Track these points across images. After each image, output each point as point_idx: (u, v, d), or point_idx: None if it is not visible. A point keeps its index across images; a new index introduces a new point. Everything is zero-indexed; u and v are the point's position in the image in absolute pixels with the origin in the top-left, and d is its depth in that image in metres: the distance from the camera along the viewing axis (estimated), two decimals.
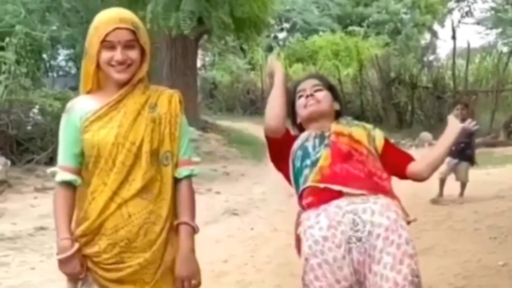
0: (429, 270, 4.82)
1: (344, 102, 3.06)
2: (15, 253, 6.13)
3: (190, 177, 2.49)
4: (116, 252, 2.34)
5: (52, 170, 2.42)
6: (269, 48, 27.49)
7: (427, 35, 35.09)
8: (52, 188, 2.57)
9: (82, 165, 2.41)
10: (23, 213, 7.88)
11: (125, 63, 2.36)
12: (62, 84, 19.80)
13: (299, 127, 2.91)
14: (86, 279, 2.38)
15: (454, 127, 2.75)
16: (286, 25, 32.55)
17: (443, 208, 8.10)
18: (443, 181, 8.62)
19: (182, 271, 2.42)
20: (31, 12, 17.15)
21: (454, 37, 19.91)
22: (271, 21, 23.26)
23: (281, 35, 32.40)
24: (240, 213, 8.41)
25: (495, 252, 5.77)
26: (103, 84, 2.45)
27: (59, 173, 2.38)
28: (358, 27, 30.24)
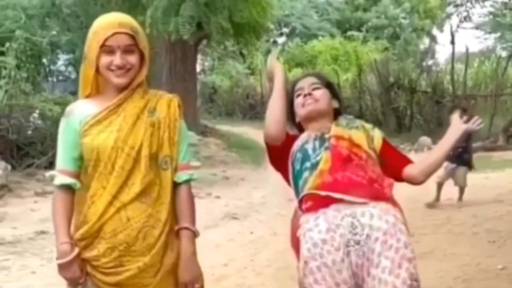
0: (428, 274, 4.83)
1: (343, 105, 3.00)
2: (16, 257, 6.14)
3: (190, 181, 2.50)
4: (115, 256, 2.34)
5: (51, 173, 2.43)
6: (268, 53, 27.47)
7: (426, 39, 35.09)
8: (52, 192, 2.57)
9: (81, 169, 2.41)
10: (24, 217, 7.89)
11: (124, 68, 2.36)
12: (62, 88, 19.79)
13: (298, 126, 2.89)
14: (86, 283, 2.38)
15: (457, 127, 2.73)
16: (286, 30, 32.58)
17: (442, 212, 8.10)
18: (440, 185, 8.59)
19: (185, 276, 2.43)
20: (31, 18, 17.20)
21: (453, 42, 19.94)
22: (271, 26, 23.27)
23: (281, 40, 32.40)
24: (240, 217, 8.40)
25: (494, 256, 5.78)
26: (102, 88, 2.46)
27: (58, 176, 2.38)
28: (357, 32, 30.21)
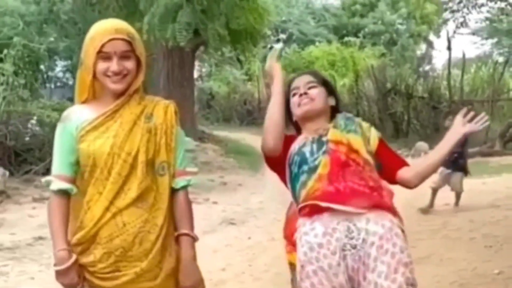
0: (425, 279, 4.85)
1: (340, 102, 2.96)
2: (14, 263, 6.13)
3: (187, 187, 2.51)
4: (111, 261, 2.34)
5: (47, 179, 2.42)
6: (265, 59, 27.48)
7: (423, 45, 35.15)
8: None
9: (77, 174, 2.41)
10: (22, 223, 7.86)
11: (121, 74, 2.37)
12: (60, 95, 19.73)
13: (295, 125, 2.87)
14: None
15: (456, 131, 2.67)
16: (283, 36, 32.63)
17: (439, 217, 8.12)
18: (435, 191, 8.59)
19: (186, 281, 2.44)
20: (29, 24, 17.24)
21: (449, 48, 20.07)
22: (268, 32, 23.30)
23: (278, 46, 32.43)
24: (238, 222, 8.41)
25: (491, 261, 5.80)
26: (98, 94, 2.47)
27: (55, 182, 2.37)
28: (354, 38, 30.27)
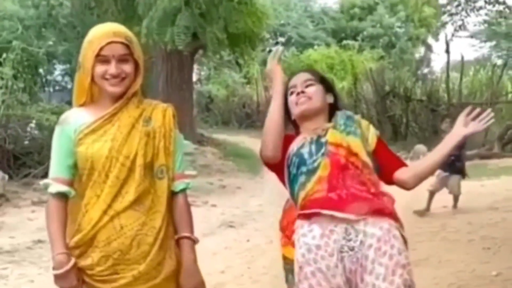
0: (424, 281, 4.87)
1: (339, 99, 2.92)
2: (14, 266, 6.14)
3: (186, 190, 2.52)
4: (109, 264, 2.34)
5: (45, 182, 2.41)
6: (264, 62, 27.54)
7: (421, 48, 35.20)
8: None
9: (75, 177, 2.41)
10: (21, 226, 7.88)
11: (119, 77, 2.37)
12: (59, 98, 19.75)
13: (293, 123, 2.84)
14: None
15: (457, 133, 2.64)
16: (281, 39, 32.62)
17: (437, 220, 8.15)
18: (432, 194, 8.60)
19: (187, 284, 2.45)
20: (28, 28, 17.28)
21: (447, 51, 20.09)
22: (266, 36, 23.30)
23: (280, 48, 32.37)
24: (237, 225, 8.42)
25: (489, 262, 5.83)
26: (96, 97, 2.47)
27: (53, 184, 2.37)
28: (352, 41, 30.32)
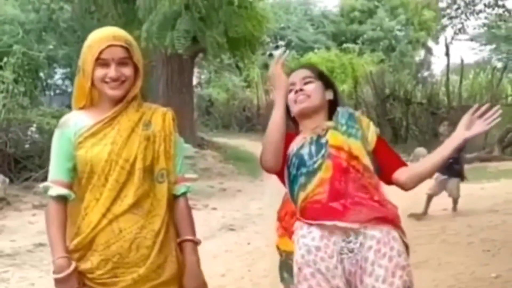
0: (424, 283, 4.90)
1: (339, 95, 2.88)
2: (15, 269, 6.16)
3: (186, 193, 2.53)
4: (109, 268, 2.34)
5: (45, 184, 2.41)
6: (264, 66, 27.60)
7: (422, 51, 35.23)
8: None
9: (74, 180, 2.41)
10: (22, 230, 7.90)
11: (119, 80, 2.38)
12: (59, 102, 19.71)
13: (293, 120, 2.80)
14: None
15: (458, 136, 2.60)
16: (282, 43, 32.65)
17: (437, 222, 8.15)
18: (430, 197, 8.58)
19: (190, 286, 2.46)
20: (28, 32, 17.30)
21: (447, 54, 20.12)
22: (266, 39, 23.30)
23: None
24: (237, 228, 8.45)
25: (488, 264, 5.85)
26: (96, 100, 2.47)
27: (53, 187, 2.37)
28: (352, 44, 30.35)
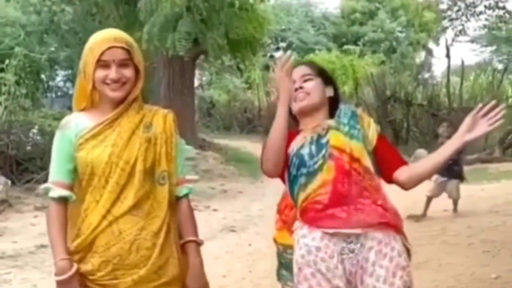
0: (424, 283, 4.93)
1: (340, 91, 2.86)
2: (17, 271, 6.18)
3: (188, 195, 2.55)
4: (109, 270, 2.34)
5: (45, 186, 2.41)
6: (265, 67, 27.63)
7: (422, 53, 35.21)
8: None
9: (74, 182, 2.42)
10: (24, 231, 7.92)
11: (120, 81, 2.39)
12: (61, 104, 19.75)
13: (293, 117, 2.78)
14: None
15: (458, 138, 2.55)
16: (283, 45, 32.68)
17: (438, 223, 8.16)
18: (430, 199, 8.59)
19: (193, 286, 2.48)
20: (30, 34, 17.35)
21: (448, 55, 20.13)
22: (268, 41, 23.30)
23: (278, 54, 32.51)
24: (238, 229, 8.47)
25: (488, 265, 5.87)
26: (97, 102, 2.48)
27: (55, 189, 2.37)
28: (353, 46, 30.34)
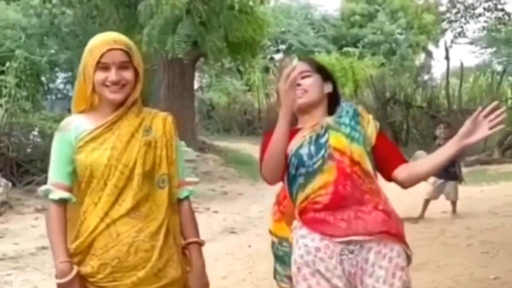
0: (423, 284, 4.96)
1: (339, 87, 2.84)
2: (18, 272, 6.20)
3: (189, 197, 2.56)
4: (108, 272, 2.34)
5: (45, 188, 2.41)
6: (265, 70, 27.67)
7: (422, 55, 35.25)
8: None
9: (74, 183, 2.42)
10: (25, 233, 7.93)
11: (120, 83, 2.38)
12: (61, 106, 19.74)
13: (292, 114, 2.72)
14: None
15: (458, 140, 2.53)
16: (282, 47, 32.69)
17: (437, 225, 8.19)
18: (427, 202, 8.62)
19: (196, 286, 2.51)
20: (30, 37, 17.38)
21: (447, 57, 20.17)
22: (267, 43, 23.31)
23: (277, 57, 32.58)
24: (238, 231, 8.49)
25: (487, 266, 5.90)
26: (96, 105, 2.48)
27: (55, 191, 2.37)
28: (353, 48, 30.40)
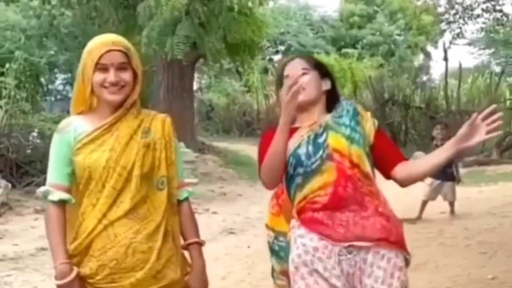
0: (421, 285, 4.98)
1: (337, 83, 2.83)
2: (18, 273, 6.20)
3: (189, 197, 2.58)
4: (106, 273, 2.35)
5: (44, 189, 2.40)
6: (264, 71, 27.67)
7: (421, 56, 35.28)
8: None
9: (73, 184, 2.42)
10: (24, 234, 7.93)
11: (118, 85, 2.39)
12: (61, 107, 19.69)
13: None
14: None
15: (457, 141, 2.48)
16: (281, 48, 32.69)
17: (435, 225, 8.20)
18: (425, 203, 8.62)
19: (196, 286, 2.53)
20: (30, 38, 17.36)
21: (446, 58, 20.21)
22: (266, 44, 23.31)
23: (276, 58, 32.60)
24: (237, 232, 8.50)
25: (485, 266, 5.91)
26: (95, 106, 2.48)
27: (54, 192, 2.37)
28: (352, 49, 30.42)
